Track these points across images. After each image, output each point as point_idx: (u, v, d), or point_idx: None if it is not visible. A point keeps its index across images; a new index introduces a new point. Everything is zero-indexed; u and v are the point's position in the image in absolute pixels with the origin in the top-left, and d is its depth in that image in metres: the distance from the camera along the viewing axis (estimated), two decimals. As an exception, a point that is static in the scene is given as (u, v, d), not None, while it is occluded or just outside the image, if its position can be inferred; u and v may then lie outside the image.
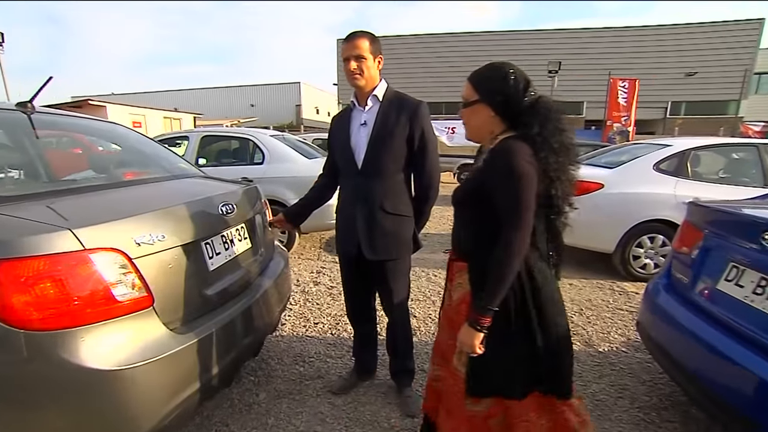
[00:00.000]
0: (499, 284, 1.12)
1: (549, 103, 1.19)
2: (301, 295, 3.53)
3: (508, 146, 1.15)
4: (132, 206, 1.44)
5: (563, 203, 1.20)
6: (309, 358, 2.49)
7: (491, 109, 1.22)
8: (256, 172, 4.46)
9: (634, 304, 3.35)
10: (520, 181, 1.10)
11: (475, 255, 1.25)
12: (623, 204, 3.85)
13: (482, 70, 1.25)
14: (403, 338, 2.04)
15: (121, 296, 1.23)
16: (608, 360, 2.50)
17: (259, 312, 1.87)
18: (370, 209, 1.79)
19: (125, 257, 1.25)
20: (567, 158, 1.17)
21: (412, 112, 1.75)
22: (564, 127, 1.18)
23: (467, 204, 1.29)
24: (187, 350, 1.37)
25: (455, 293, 1.34)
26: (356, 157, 1.79)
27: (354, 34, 1.71)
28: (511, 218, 1.11)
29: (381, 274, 1.89)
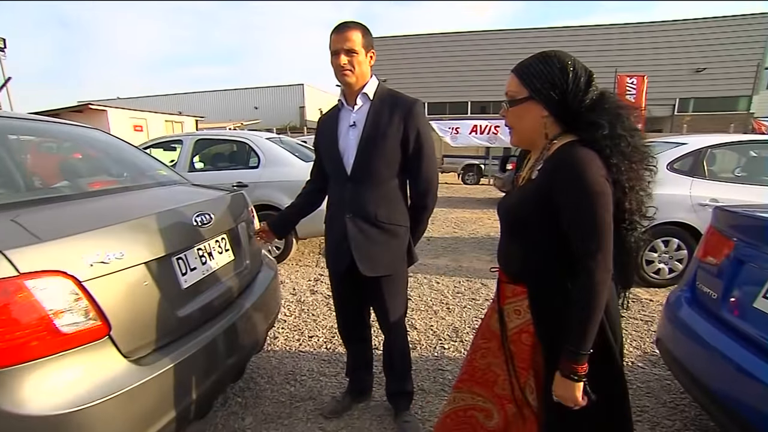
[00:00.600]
0: (589, 324, 0.94)
1: (616, 100, 1.01)
2: (296, 305, 3.37)
3: (576, 155, 0.96)
4: (88, 221, 1.28)
5: (639, 217, 1.03)
6: (301, 377, 2.32)
7: (545, 107, 1.02)
8: (252, 176, 4.32)
9: (649, 313, 3.16)
10: (598, 201, 0.92)
11: (535, 279, 1.07)
12: (635, 206, 3.64)
13: (532, 61, 1.04)
14: (401, 358, 1.87)
15: (67, 327, 1.06)
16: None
17: (242, 332, 1.72)
18: (362, 220, 1.63)
19: (73, 281, 1.09)
20: (641, 164, 1.00)
21: (406, 111, 1.58)
22: (635, 126, 1.00)
23: (523, 221, 1.07)
24: (152, 383, 1.21)
25: (511, 321, 1.15)
26: (345, 162, 1.63)
27: (345, 25, 1.53)
28: (589, 244, 0.94)
29: (376, 290, 1.72)
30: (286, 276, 4.06)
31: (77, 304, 1.10)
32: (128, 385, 1.14)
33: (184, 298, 1.46)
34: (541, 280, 1.06)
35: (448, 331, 2.88)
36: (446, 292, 3.61)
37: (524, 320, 1.11)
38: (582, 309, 0.95)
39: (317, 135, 1.80)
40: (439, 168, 13.78)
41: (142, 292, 1.28)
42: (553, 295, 1.02)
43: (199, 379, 1.41)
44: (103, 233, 1.23)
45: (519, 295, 1.12)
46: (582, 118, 0.99)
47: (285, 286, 3.80)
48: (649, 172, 1.02)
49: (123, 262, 1.22)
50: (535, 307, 1.08)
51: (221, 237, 1.77)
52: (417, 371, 2.31)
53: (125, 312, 1.21)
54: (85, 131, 2.05)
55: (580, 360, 0.95)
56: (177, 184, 2.07)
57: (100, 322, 1.14)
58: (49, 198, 1.44)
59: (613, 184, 0.96)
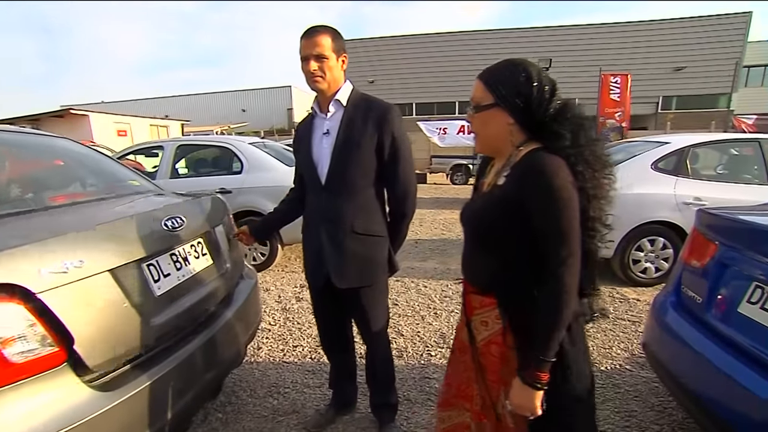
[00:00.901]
0: (555, 330, 0.94)
1: (578, 110, 1.01)
2: (281, 313, 3.29)
3: (543, 161, 0.95)
4: (42, 232, 1.21)
5: (601, 224, 1.03)
6: (284, 389, 2.26)
7: (510, 115, 1.02)
8: (235, 181, 4.24)
9: (636, 313, 3.16)
10: (566, 206, 0.93)
11: (505, 288, 1.05)
12: (621, 206, 3.52)
13: (499, 68, 1.04)
14: (384, 370, 1.82)
15: (17, 356, 0.99)
16: (612, 381, 2.29)
17: (220, 346, 1.66)
18: (338, 231, 1.58)
19: (25, 306, 1.02)
20: (602, 172, 1.00)
21: (380, 116, 1.53)
22: (596, 136, 1.02)
23: (489, 228, 1.06)
24: (118, 409, 1.15)
25: (479, 333, 1.12)
26: (319, 172, 1.58)
27: (314, 30, 1.48)
28: (558, 250, 0.94)
29: (354, 301, 1.67)
30: (271, 283, 3.98)
31: (31, 330, 1.03)
32: (90, 414, 1.08)
33: (159, 305, 1.40)
34: (511, 289, 1.04)
35: (435, 337, 2.84)
36: (434, 296, 3.58)
37: (492, 331, 1.09)
38: (548, 315, 0.95)
39: (294, 142, 1.75)
40: (427, 168, 13.67)
41: (109, 302, 1.22)
42: (524, 304, 1.01)
43: (172, 401, 1.35)
44: (58, 242, 1.15)
45: (487, 306, 1.10)
46: (546, 127, 1.00)
47: (270, 293, 3.73)
48: (609, 181, 1.03)
49: (83, 270, 1.15)
50: (507, 317, 1.05)
51: (197, 241, 1.71)
52: (403, 380, 2.26)
53: (91, 324, 1.15)
54: (52, 141, 1.96)
55: (543, 367, 0.95)
56: (151, 193, 2.00)
57: (56, 348, 1.07)
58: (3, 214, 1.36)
59: (578, 192, 0.96)
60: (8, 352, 0.98)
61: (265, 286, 3.91)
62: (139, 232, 1.39)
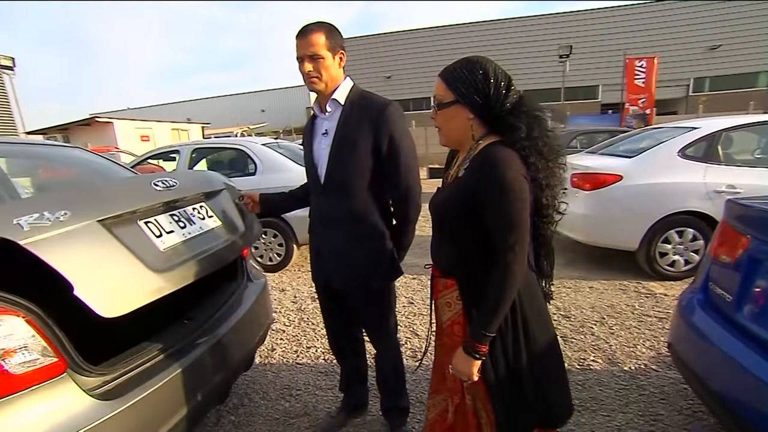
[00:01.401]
0: (498, 308, 1.04)
1: (533, 103, 1.08)
2: (296, 313, 3.30)
3: (496, 155, 1.04)
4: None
5: (553, 211, 1.13)
6: (297, 391, 2.25)
7: (469, 111, 1.09)
8: (250, 183, 4.26)
9: (664, 309, 3.00)
10: (516, 197, 1.01)
11: (464, 272, 1.15)
12: (646, 196, 3.48)
13: (457, 66, 1.10)
14: (393, 373, 1.78)
15: (17, 367, 1.00)
16: (636, 381, 2.17)
17: (228, 350, 1.65)
18: (335, 232, 1.55)
19: (25, 319, 1.03)
20: (556, 162, 1.09)
21: (376, 115, 1.47)
22: (550, 128, 1.09)
23: (451, 217, 1.15)
24: (120, 417, 1.15)
25: (444, 314, 1.24)
26: (319, 173, 1.55)
27: (307, 29, 1.43)
28: (506, 237, 1.02)
29: (356, 303, 1.65)
30: (287, 283, 4.00)
31: (31, 341, 1.04)
32: (91, 422, 1.08)
33: (166, 259, 1.42)
34: (469, 272, 1.12)
35: (450, 336, 2.78)
36: (450, 293, 3.51)
37: (454, 312, 1.19)
38: (494, 294, 1.03)
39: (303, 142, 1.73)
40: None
41: (107, 252, 1.23)
42: (481, 286, 1.07)
43: (177, 408, 1.35)
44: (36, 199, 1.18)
45: (449, 287, 1.19)
46: (503, 121, 1.06)
47: (286, 293, 3.75)
48: (561, 169, 1.11)
49: (69, 220, 1.16)
50: (465, 298, 1.14)
51: (199, 205, 1.75)
52: (417, 381, 2.22)
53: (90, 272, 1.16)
54: (63, 150, 2.01)
55: (483, 340, 1.05)
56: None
57: (56, 359, 1.08)
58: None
59: (531, 182, 1.04)
60: (9, 363, 0.99)
61: (281, 286, 3.93)
62: (127, 190, 1.45)
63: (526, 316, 1.10)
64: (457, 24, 24.22)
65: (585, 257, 4.22)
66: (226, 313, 1.77)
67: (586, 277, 3.74)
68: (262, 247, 4.33)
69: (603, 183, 3.57)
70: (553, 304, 3.17)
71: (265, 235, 4.29)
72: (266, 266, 4.33)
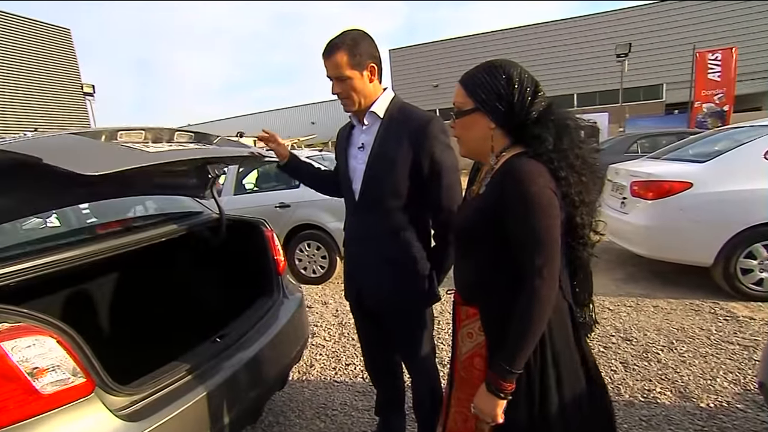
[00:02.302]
0: (524, 341, 0.92)
1: (563, 112, 0.99)
2: (337, 328, 3.26)
3: (520, 168, 0.93)
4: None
5: (589, 231, 1.02)
6: (333, 411, 2.19)
7: (491, 119, 1.00)
8: (293, 195, 4.34)
9: (750, 335, 2.61)
10: (543, 213, 0.90)
11: (488, 299, 1.04)
12: (723, 205, 3.09)
13: (477, 71, 1.02)
14: (430, 403, 1.65)
15: (49, 386, 1.02)
16: (716, 423, 1.87)
17: (260, 368, 1.63)
18: (368, 251, 1.47)
19: (54, 336, 1.05)
20: (590, 177, 0.98)
21: (417, 132, 1.36)
22: (584, 138, 0.99)
23: (473, 237, 1.06)
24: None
25: (464, 345, 1.13)
26: (354, 188, 1.48)
27: (329, 48, 1.35)
28: (534, 259, 0.90)
29: (392, 325, 1.56)
30: (330, 296, 3.99)
31: (62, 361, 1.06)
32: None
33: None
34: (493, 298, 1.02)
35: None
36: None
37: (476, 343, 1.08)
38: (520, 324, 0.92)
39: (335, 146, 1.67)
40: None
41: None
42: (506, 315, 0.95)
43: (206, 427, 1.33)
44: None
45: (472, 317, 1.09)
46: (529, 131, 0.97)
47: (328, 306, 3.73)
48: (597, 185, 1.01)
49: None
50: (489, 328, 1.03)
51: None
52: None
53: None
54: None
55: (508, 377, 0.93)
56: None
57: (85, 379, 1.09)
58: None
59: (562, 198, 0.94)
60: (40, 383, 1.01)
61: (323, 299, 3.93)
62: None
63: (556, 351, 0.97)
64: (504, 29, 23.68)
65: (647, 272, 3.83)
66: (260, 330, 1.75)
67: (649, 294, 3.38)
68: (306, 259, 4.37)
69: (669, 191, 3.22)
70: (611, 325, 2.88)
71: (308, 247, 4.33)
72: (309, 278, 4.36)
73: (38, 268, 1.38)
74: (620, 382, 2.22)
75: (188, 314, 2.19)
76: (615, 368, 2.36)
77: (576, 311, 1.06)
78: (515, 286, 0.94)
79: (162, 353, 1.47)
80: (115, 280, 2.18)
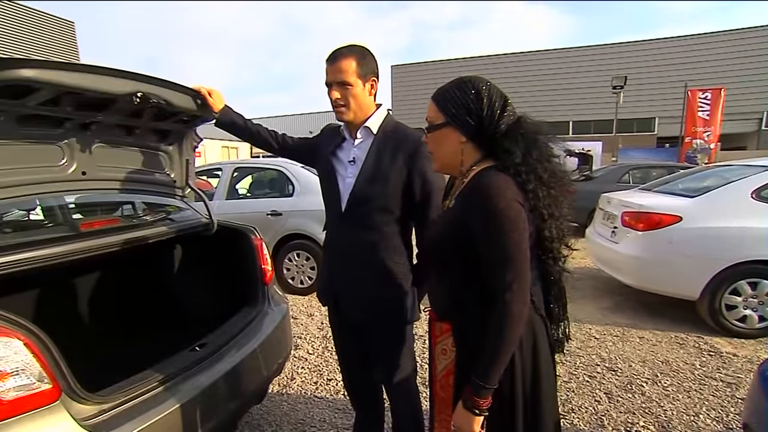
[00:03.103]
0: (497, 356, 0.91)
1: (533, 124, 1.00)
2: (321, 341, 3.20)
3: (487, 181, 0.94)
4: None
5: (559, 244, 1.02)
6: (311, 427, 2.13)
7: (461, 133, 1.01)
8: (286, 204, 4.31)
9: (732, 372, 2.61)
10: (511, 227, 0.90)
11: (459, 314, 1.04)
12: (710, 241, 3.13)
13: (449, 86, 1.04)
14: (410, 421, 1.61)
15: (11, 392, 0.97)
16: (698, 460, 1.86)
17: (237, 381, 1.58)
18: (350, 261, 1.45)
19: (22, 338, 1.00)
20: (559, 189, 0.98)
21: (411, 151, 1.37)
22: (553, 152, 1.00)
23: (443, 252, 1.05)
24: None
25: (440, 363, 1.13)
26: (341, 199, 1.46)
27: (338, 53, 1.37)
28: (503, 274, 0.90)
29: (372, 341, 1.52)
30: (316, 308, 3.93)
31: (28, 365, 1.01)
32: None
33: None
34: (463, 314, 1.02)
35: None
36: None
37: (450, 360, 1.08)
38: (492, 339, 0.90)
39: (317, 147, 1.60)
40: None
41: None
42: (477, 330, 0.95)
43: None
44: None
45: (445, 332, 1.09)
46: (497, 144, 0.97)
47: (314, 318, 3.67)
48: (567, 198, 1.01)
49: None
50: (460, 344, 1.03)
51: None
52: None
53: None
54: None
55: (483, 394, 0.92)
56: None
57: (51, 385, 1.04)
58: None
59: (530, 211, 0.94)
60: (1, 388, 0.95)
61: (309, 310, 3.87)
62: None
63: (527, 365, 0.97)
64: (507, 53, 24.17)
65: (634, 302, 3.84)
66: (242, 340, 1.71)
67: (635, 325, 3.39)
68: (294, 269, 4.31)
69: (659, 224, 3.26)
70: (596, 354, 2.87)
71: (297, 257, 4.28)
72: (296, 288, 4.30)
73: (11, 265, 1.33)
74: (604, 413, 2.20)
75: (169, 320, 2.13)
76: (599, 399, 2.33)
77: (550, 327, 1.06)
78: (486, 301, 0.93)
79: (138, 360, 1.42)
80: (95, 281, 2.12)
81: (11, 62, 1.07)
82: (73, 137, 1.56)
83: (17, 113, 1.29)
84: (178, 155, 2.04)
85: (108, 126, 1.63)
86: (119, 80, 1.35)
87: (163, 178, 1.99)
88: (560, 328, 1.11)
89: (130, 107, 1.51)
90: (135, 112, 1.60)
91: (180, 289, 2.26)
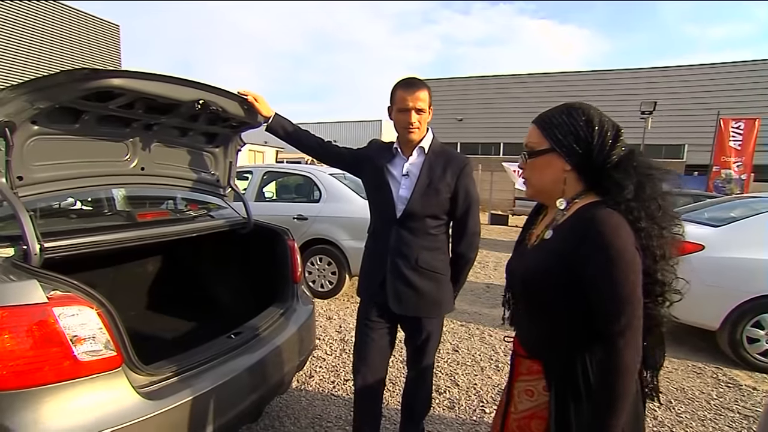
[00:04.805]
0: (614, 413, 0.82)
1: (646, 160, 0.92)
2: (339, 344, 3.30)
3: (602, 219, 0.86)
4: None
5: (668, 288, 0.92)
6: (327, 423, 2.22)
7: (566, 161, 0.95)
8: (312, 210, 4.46)
9: (751, 405, 2.58)
10: (628, 269, 0.83)
11: (557, 357, 0.95)
12: (731, 271, 3.11)
13: (554, 112, 0.97)
14: (426, 399, 1.88)
15: (85, 355, 1.11)
16: (708, 487, 1.87)
17: (267, 369, 1.70)
18: (403, 262, 1.65)
19: (95, 307, 1.14)
20: (671, 231, 0.91)
21: (459, 169, 1.64)
22: (667, 189, 0.92)
23: (540, 289, 0.96)
24: (162, 417, 1.22)
25: (521, 402, 1.03)
26: (397, 207, 1.66)
27: (416, 84, 1.59)
28: (616, 319, 0.83)
29: (413, 333, 1.74)
30: (335, 311, 4.04)
31: (99, 333, 1.15)
32: (132, 419, 1.15)
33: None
34: (559, 359, 0.93)
35: (492, 392, 2.61)
36: (498, 347, 3.32)
37: (537, 403, 0.98)
38: (606, 396, 0.83)
39: (365, 158, 1.75)
40: (510, 210, 13.17)
41: None
42: (576, 377, 0.89)
43: (212, 418, 1.39)
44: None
45: (534, 373, 0.99)
46: (607, 177, 0.91)
47: (332, 321, 3.78)
48: (677, 239, 0.92)
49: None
50: (558, 390, 0.93)
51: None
52: (451, 437, 2.09)
53: None
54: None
55: None
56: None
57: (115, 353, 1.17)
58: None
59: (643, 252, 0.86)
60: (78, 351, 1.10)
61: (328, 313, 3.98)
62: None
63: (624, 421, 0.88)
64: (532, 73, 24.16)
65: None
66: (272, 333, 1.83)
67: (654, 352, 3.36)
68: (316, 272, 4.44)
69: (681, 251, 3.26)
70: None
71: (319, 261, 4.42)
72: (317, 292, 4.42)
73: (80, 247, 1.50)
74: (615, 434, 2.21)
75: (206, 308, 2.28)
76: (611, 420, 2.35)
77: (645, 375, 1.00)
78: (588, 345, 0.88)
79: (180, 340, 1.56)
80: (142, 267, 2.29)
81: (104, 72, 1.24)
82: (137, 136, 1.75)
83: (98, 114, 1.47)
84: (223, 157, 2.21)
85: (167, 127, 1.81)
86: (186, 88, 1.52)
87: (209, 178, 2.16)
88: (656, 375, 1.02)
89: (190, 112, 1.68)
90: (193, 116, 1.77)
91: (217, 280, 2.41)
